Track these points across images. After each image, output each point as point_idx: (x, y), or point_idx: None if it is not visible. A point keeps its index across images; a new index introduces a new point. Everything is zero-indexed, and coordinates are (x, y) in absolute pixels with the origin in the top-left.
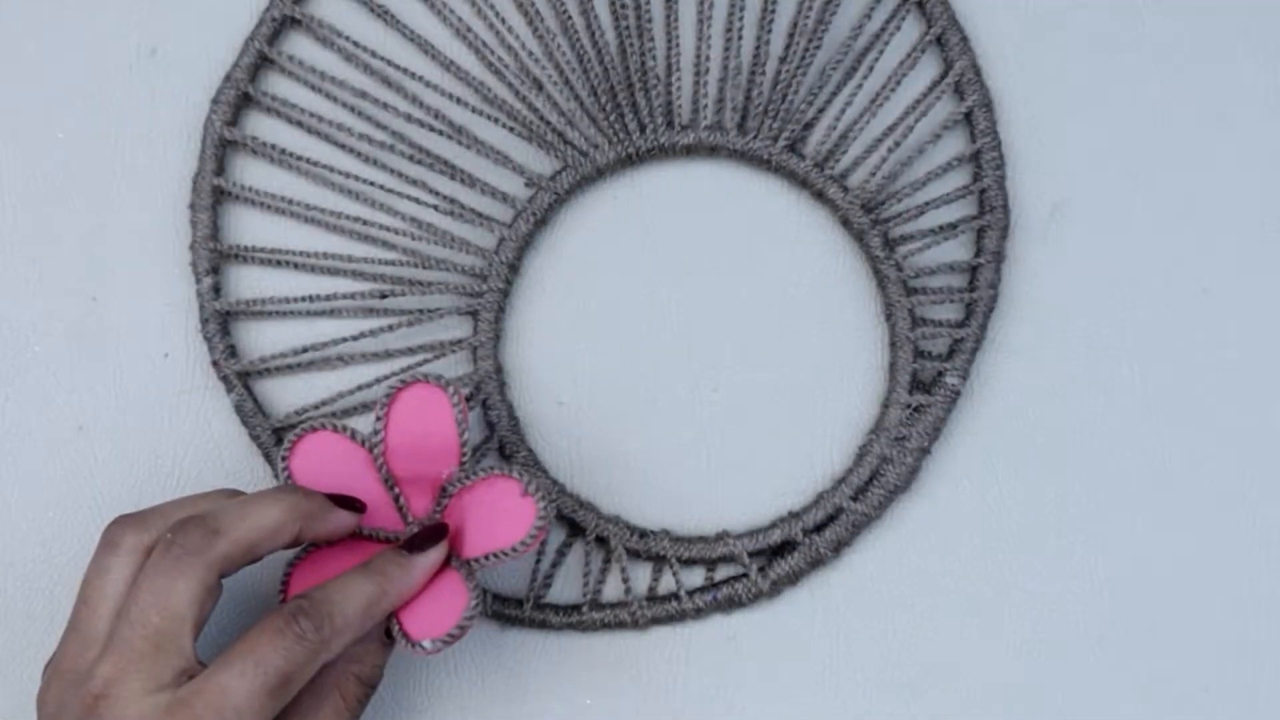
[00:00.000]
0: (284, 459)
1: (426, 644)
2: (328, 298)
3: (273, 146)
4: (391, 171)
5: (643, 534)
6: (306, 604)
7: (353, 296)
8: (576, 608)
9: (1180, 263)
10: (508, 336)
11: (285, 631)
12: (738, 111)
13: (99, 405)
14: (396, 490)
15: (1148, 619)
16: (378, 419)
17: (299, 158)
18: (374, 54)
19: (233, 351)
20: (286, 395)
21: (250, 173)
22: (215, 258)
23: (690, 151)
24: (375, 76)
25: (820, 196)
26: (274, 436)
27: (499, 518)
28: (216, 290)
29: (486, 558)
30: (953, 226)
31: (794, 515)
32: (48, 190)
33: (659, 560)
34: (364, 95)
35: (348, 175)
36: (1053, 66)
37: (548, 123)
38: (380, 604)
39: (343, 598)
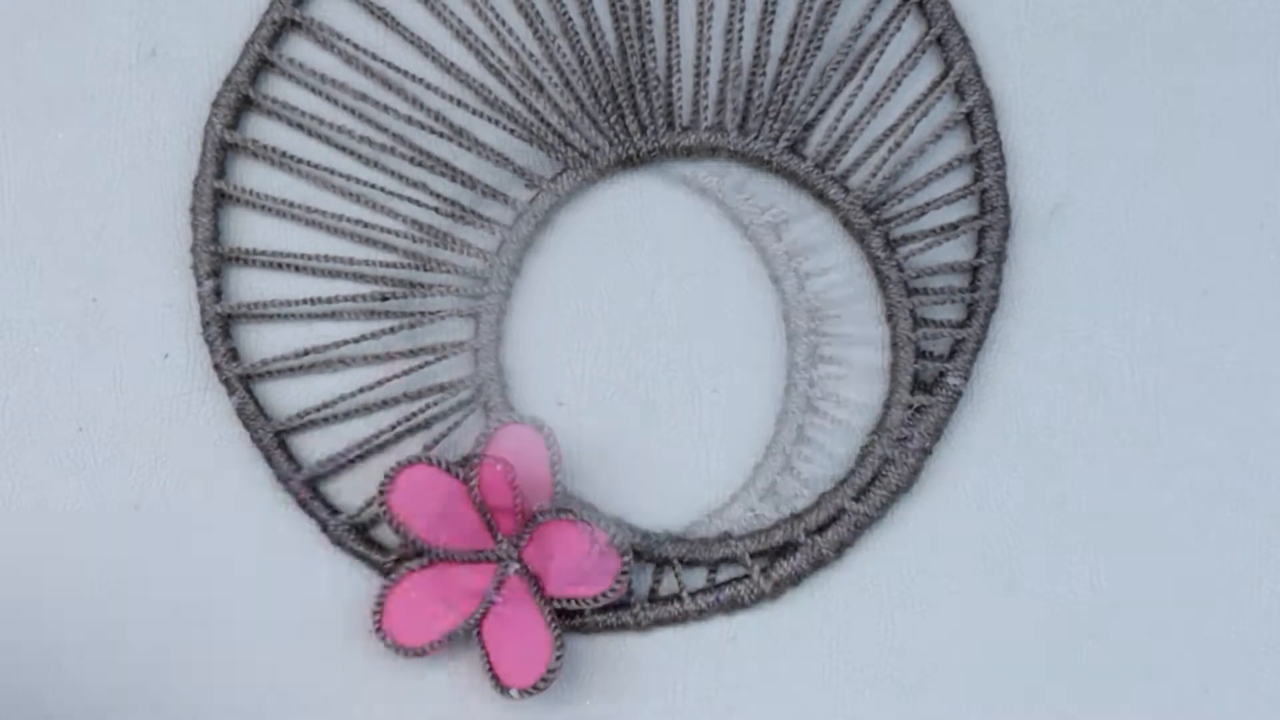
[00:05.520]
0: (382, 493)
1: (514, 693)
2: (329, 300)
3: (273, 149)
4: (392, 174)
5: (644, 535)
6: None
7: (354, 299)
8: (578, 609)
9: (1180, 263)
10: (509, 338)
11: None
12: (738, 113)
13: (99, 405)
14: (488, 516)
15: (1148, 619)
16: (473, 453)
17: (299, 160)
18: (374, 56)
19: (234, 354)
20: (288, 398)
21: (251, 175)
22: (216, 260)
23: (691, 153)
24: (375, 79)
25: (821, 197)
26: (275, 439)
27: (583, 565)
28: (218, 293)
29: (570, 600)
30: (954, 227)
31: (796, 516)
32: (48, 190)
33: (661, 562)
34: (364, 97)
35: (348, 178)
36: (1053, 66)
37: (548, 124)
38: None
39: None
